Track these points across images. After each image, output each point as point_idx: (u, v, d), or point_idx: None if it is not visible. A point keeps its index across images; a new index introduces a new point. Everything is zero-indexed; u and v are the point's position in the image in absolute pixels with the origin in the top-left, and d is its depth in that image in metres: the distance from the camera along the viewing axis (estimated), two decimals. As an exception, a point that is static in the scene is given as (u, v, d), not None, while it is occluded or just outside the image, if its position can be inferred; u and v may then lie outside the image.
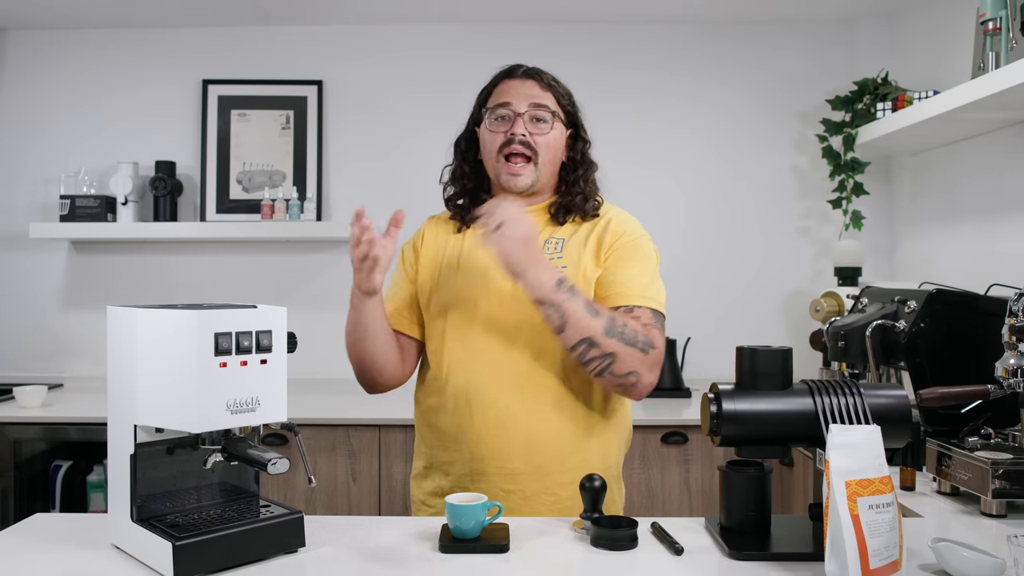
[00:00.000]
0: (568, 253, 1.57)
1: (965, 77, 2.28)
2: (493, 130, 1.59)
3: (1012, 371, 1.51)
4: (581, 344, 1.42)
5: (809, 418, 1.22)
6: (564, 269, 1.53)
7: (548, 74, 1.64)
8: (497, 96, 1.61)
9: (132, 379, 1.22)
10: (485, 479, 1.53)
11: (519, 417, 1.51)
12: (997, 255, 2.44)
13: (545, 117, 1.58)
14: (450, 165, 1.70)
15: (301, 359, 1.70)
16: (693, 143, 3.20)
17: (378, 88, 3.23)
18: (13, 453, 2.65)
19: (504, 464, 1.52)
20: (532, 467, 1.52)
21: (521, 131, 1.56)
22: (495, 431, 1.52)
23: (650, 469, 2.60)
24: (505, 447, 1.52)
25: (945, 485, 1.62)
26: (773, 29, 3.19)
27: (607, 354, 1.42)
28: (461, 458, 1.55)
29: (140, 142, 3.23)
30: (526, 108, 1.57)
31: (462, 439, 1.54)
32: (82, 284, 3.25)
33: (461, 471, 1.55)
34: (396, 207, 1.54)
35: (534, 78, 1.61)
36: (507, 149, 1.56)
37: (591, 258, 1.56)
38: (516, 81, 1.60)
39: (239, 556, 1.20)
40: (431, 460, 1.61)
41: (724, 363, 1.55)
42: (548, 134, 1.58)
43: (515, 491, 1.53)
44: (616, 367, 1.43)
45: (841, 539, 1.07)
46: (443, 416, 1.57)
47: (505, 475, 1.52)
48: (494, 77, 1.65)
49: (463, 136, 1.69)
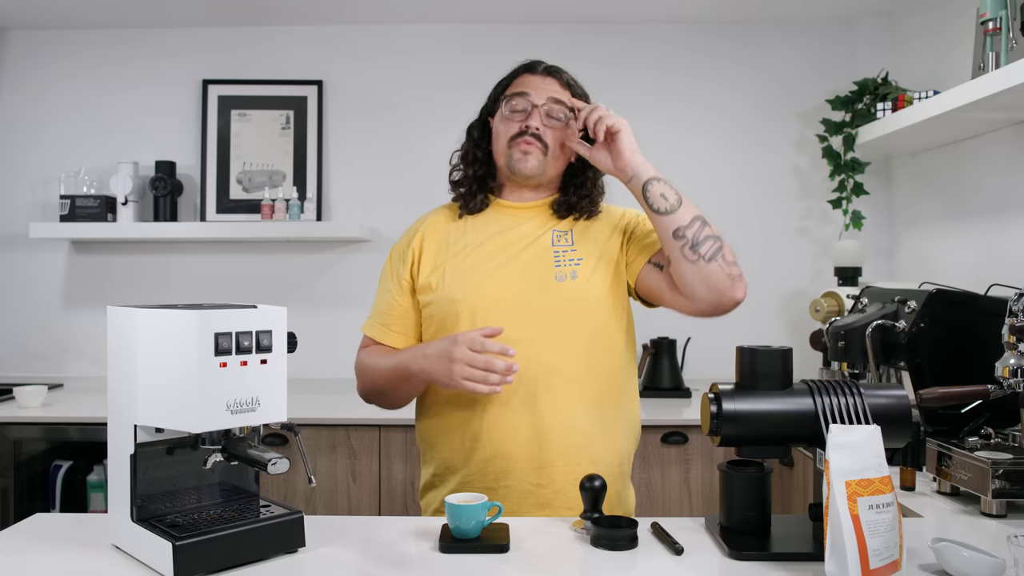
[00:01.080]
0: (580, 243, 1.58)
1: (965, 77, 2.28)
2: (508, 118, 1.59)
3: (1012, 371, 1.51)
4: (696, 222, 1.47)
5: (809, 418, 1.22)
6: (580, 262, 1.55)
7: (567, 73, 1.64)
8: (516, 86, 1.61)
9: (132, 379, 1.22)
10: (511, 475, 1.51)
11: (545, 408, 1.50)
12: (997, 255, 2.44)
13: (561, 115, 1.58)
14: (459, 150, 1.69)
15: (301, 359, 1.71)
16: (693, 143, 3.20)
17: (378, 88, 3.23)
18: (13, 453, 2.65)
19: (532, 459, 1.50)
20: (560, 457, 1.50)
21: (536, 123, 1.57)
22: (522, 423, 1.50)
23: (650, 469, 2.60)
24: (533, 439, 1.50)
25: (945, 485, 1.62)
26: (773, 29, 3.19)
27: (718, 236, 1.48)
28: (483, 456, 1.52)
29: (140, 142, 3.23)
30: (544, 101, 1.57)
31: (483, 435, 1.51)
32: (82, 284, 3.25)
33: (485, 470, 1.52)
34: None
35: (554, 76, 1.62)
36: (520, 139, 1.57)
37: (610, 246, 1.58)
38: (536, 77, 1.61)
39: (239, 556, 1.20)
40: (445, 466, 1.57)
41: (724, 363, 1.55)
42: (560, 131, 1.59)
43: (546, 485, 1.51)
44: (726, 252, 1.48)
45: (841, 539, 1.07)
46: (459, 413, 1.53)
47: (534, 469, 1.51)
48: (514, 70, 1.65)
49: (476, 124, 1.68)
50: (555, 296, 1.53)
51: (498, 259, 1.56)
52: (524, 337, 1.50)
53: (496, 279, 1.54)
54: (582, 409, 1.52)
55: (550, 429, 1.50)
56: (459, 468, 1.55)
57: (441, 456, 1.59)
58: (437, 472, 1.60)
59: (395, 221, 3.16)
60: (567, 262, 1.55)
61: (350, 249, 3.22)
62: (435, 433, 1.59)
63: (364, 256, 3.20)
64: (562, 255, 1.56)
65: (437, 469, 1.60)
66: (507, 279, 1.54)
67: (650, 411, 2.67)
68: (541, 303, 1.52)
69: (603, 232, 1.60)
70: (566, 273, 1.54)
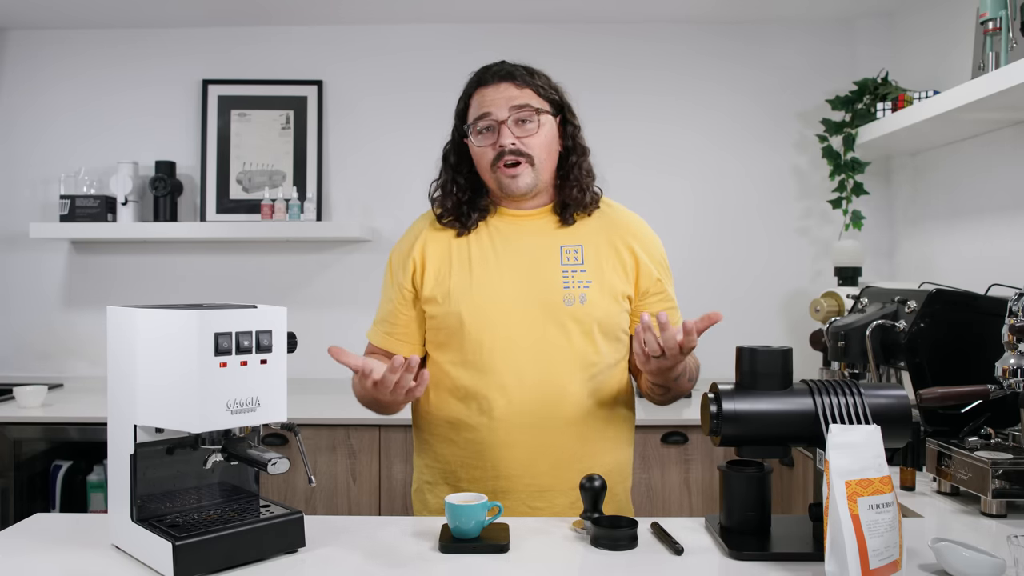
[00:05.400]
0: (590, 263, 1.54)
1: (965, 77, 2.28)
2: (481, 145, 1.52)
3: (1012, 371, 1.51)
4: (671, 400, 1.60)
5: (809, 418, 1.22)
6: (589, 284, 1.51)
7: (520, 68, 1.55)
8: (476, 108, 1.54)
9: (132, 379, 1.22)
10: (509, 497, 1.50)
11: (546, 428, 1.50)
12: (997, 255, 2.44)
13: (529, 118, 1.51)
14: (438, 179, 1.62)
15: (301, 359, 1.70)
16: (693, 143, 3.20)
17: (378, 88, 3.23)
18: (13, 453, 2.65)
19: (532, 481, 1.50)
20: (560, 482, 1.50)
21: (509, 140, 1.49)
22: (523, 446, 1.49)
23: (650, 469, 2.60)
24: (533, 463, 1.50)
25: (945, 485, 1.61)
26: (773, 29, 3.19)
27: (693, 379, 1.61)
28: (484, 475, 1.52)
29: (140, 142, 3.23)
30: (507, 114, 1.50)
31: (487, 454, 1.51)
32: (82, 284, 3.25)
33: (483, 488, 1.51)
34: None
35: (506, 79, 1.53)
36: (500, 162, 1.51)
37: (619, 277, 1.55)
38: (490, 88, 1.53)
39: (239, 556, 1.20)
40: (448, 476, 1.56)
41: (724, 363, 1.55)
42: (536, 134, 1.51)
43: (543, 508, 1.51)
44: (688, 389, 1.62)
45: (841, 539, 1.07)
46: (467, 428, 1.52)
47: (532, 493, 1.51)
48: (466, 87, 1.57)
49: (451, 149, 1.61)
50: (563, 319, 1.50)
51: (505, 277, 1.53)
52: (530, 359, 1.49)
53: (503, 299, 1.51)
54: (584, 433, 1.52)
55: (551, 453, 1.50)
56: (457, 481, 1.55)
57: (437, 465, 1.58)
58: (429, 480, 1.60)
59: (395, 221, 3.17)
60: (576, 283, 1.52)
61: (350, 249, 3.22)
62: (435, 442, 1.58)
63: (364, 256, 3.20)
64: (571, 276, 1.52)
65: (431, 478, 1.59)
66: (514, 300, 1.51)
67: (650, 411, 2.67)
68: (548, 326, 1.50)
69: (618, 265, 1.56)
70: (574, 296, 1.51)
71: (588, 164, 1.60)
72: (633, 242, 1.58)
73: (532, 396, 1.49)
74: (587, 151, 1.61)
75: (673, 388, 1.54)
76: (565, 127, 1.58)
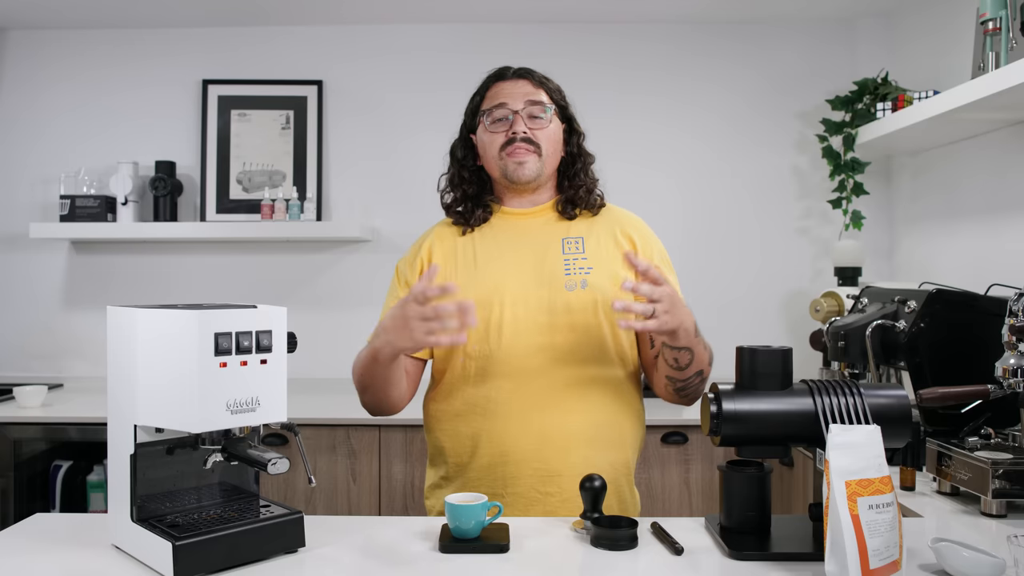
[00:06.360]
0: (591, 252, 1.57)
1: (965, 77, 2.28)
2: (493, 131, 1.59)
3: (1012, 371, 1.51)
4: (695, 377, 1.51)
5: (809, 418, 1.22)
6: (591, 271, 1.54)
7: (537, 72, 1.65)
8: (491, 98, 1.61)
9: (132, 379, 1.22)
10: (518, 482, 1.51)
11: (553, 416, 1.51)
12: (997, 255, 2.44)
13: (542, 113, 1.59)
14: (447, 173, 1.69)
15: (301, 359, 1.70)
16: (693, 143, 3.20)
17: (378, 88, 3.23)
18: (13, 453, 2.65)
19: (541, 466, 1.51)
20: (569, 466, 1.51)
21: (522, 128, 1.57)
22: (529, 430, 1.51)
23: (650, 469, 2.60)
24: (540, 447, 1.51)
25: (945, 485, 1.62)
26: (773, 29, 3.19)
27: (706, 379, 1.53)
28: (493, 461, 1.53)
29: (140, 142, 3.23)
30: (523, 105, 1.58)
31: (493, 441, 1.52)
32: (82, 284, 3.25)
33: (491, 475, 1.52)
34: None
35: (525, 77, 1.62)
36: (509, 148, 1.57)
37: (620, 263, 1.56)
38: (508, 83, 1.61)
39: (239, 556, 1.20)
40: (454, 470, 1.58)
41: (724, 363, 1.55)
42: (547, 128, 1.59)
43: (553, 493, 1.52)
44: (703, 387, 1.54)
45: (841, 539, 1.07)
46: (470, 420, 1.54)
47: (541, 477, 1.51)
48: (484, 81, 1.65)
49: (458, 143, 1.68)
50: (565, 305, 1.53)
51: (509, 267, 1.56)
52: (534, 346, 1.51)
53: (508, 287, 1.54)
54: (591, 418, 1.53)
55: (558, 437, 1.51)
56: (465, 472, 1.56)
57: (448, 459, 1.59)
58: (444, 475, 1.61)
59: (395, 221, 3.17)
60: (577, 270, 1.55)
61: (350, 249, 3.22)
62: (443, 437, 1.60)
63: (364, 256, 3.20)
64: (572, 263, 1.56)
65: (444, 472, 1.60)
66: (518, 289, 1.54)
67: (650, 411, 2.65)
68: (551, 312, 1.53)
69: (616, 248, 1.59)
70: (576, 282, 1.54)
71: (593, 170, 1.68)
72: (632, 232, 1.63)
73: (538, 382, 1.51)
74: (591, 157, 1.68)
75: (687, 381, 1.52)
76: (571, 136, 1.66)
